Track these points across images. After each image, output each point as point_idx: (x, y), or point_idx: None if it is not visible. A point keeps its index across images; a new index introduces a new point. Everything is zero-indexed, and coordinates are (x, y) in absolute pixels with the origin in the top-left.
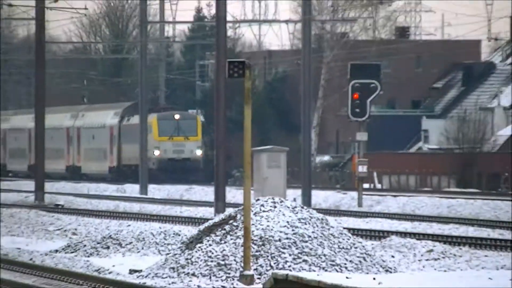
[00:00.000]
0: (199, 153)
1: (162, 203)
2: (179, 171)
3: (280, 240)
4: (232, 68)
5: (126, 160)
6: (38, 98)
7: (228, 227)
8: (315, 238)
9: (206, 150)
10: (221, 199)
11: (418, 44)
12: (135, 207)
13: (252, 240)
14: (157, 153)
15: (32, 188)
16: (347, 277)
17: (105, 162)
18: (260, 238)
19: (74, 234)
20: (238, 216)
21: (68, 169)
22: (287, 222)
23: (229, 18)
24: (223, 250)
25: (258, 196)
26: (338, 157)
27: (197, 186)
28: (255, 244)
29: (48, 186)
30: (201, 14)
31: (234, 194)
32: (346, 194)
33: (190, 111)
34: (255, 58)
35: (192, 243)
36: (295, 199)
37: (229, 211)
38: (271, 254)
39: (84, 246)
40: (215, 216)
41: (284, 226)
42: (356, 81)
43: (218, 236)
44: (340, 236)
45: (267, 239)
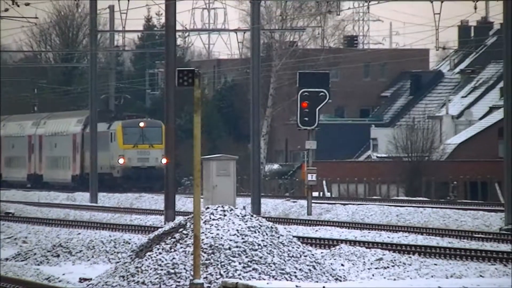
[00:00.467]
0: (164, 161)
1: (112, 211)
2: (144, 179)
3: (230, 248)
4: (181, 76)
5: (89, 169)
6: None
7: (178, 236)
8: (265, 246)
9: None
10: (171, 207)
11: (367, 53)
12: (85, 215)
13: (202, 248)
14: (121, 161)
15: None
16: (296, 285)
17: (67, 170)
18: (210, 246)
19: (24, 242)
20: (188, 224)
21: (30, 177)
22: (237, 230)
23: (178, 27)
24: (173, 258)
25: (208, 205)
26: (287, 165)
27: (147, 194)
28: (205, 253)
29: None
30: (150, 23)
31: (184, 202)
32: (296, 202)
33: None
34: (205, 67)
35: (142, 252)
36: (244, 207)
37: (179, 219)
38: (221, 263)
39: (35, 254)
40: (165, 224)
41: (234, 235)
42: (305, 89)
43: (168, 244)
44: (290, 245)
45: (217, 247)
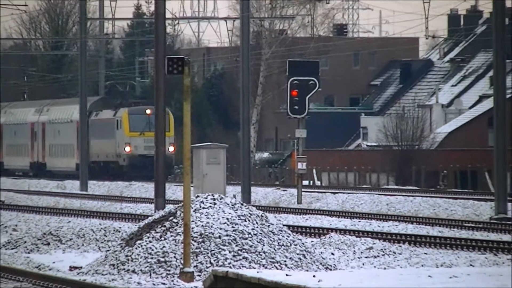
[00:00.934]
0: (172, 149)
1: (102, 200)
2: (150, 167)
3: (220, 237)
4: (171, 64)
5: (94, 156)
6: None
7: (168, 224)
8: (255, 235)
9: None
10: (161, 196)
11: (356, 42)
12: (76, 204)
13: (192, 237)
14: (127, 149)
15: None
16: (287, 274)
17: (72, 158)
18: (200, 235)
19: (14, 230)
20: (178, 212)
21: (33, 165)
22: (227, 219)
23: (168, 15)
24: (163, 247)
25: (198, 193)
26: (277, 154)
27: (137, 183)
28: (195, 241)
29: None
30: (140, 11)
31: (174, 191)
32: (286, 191)
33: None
34: (194, 55)
35: (132, 240)
36: (234, 196)
37: (169, 207)
38: (211, 251)
39: (25, 242)
40: (155, 212)
41: (224, 223)
42: (295, 78)
43: (158, 233)
44: (280, 233)
45: (207, 236)
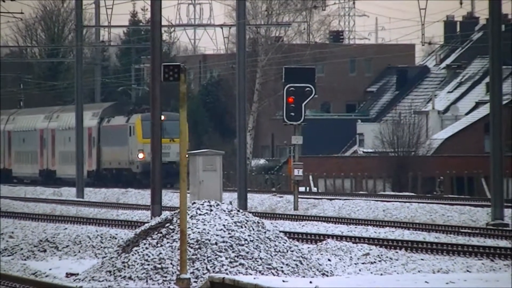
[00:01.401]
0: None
1: (98, 207)
2: (164, 175)
3: (216, 243)
4: (167, 71)
5: (106, 164)
6: None
7: (165, 231)
8: (252, 241)
9: None
10: (157, 202)
11: (352, 48)
12: (72, 211)
13: (188, 243)
14: (141, 156)
15: None
16: (283, 280)
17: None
18: (197, 241)
19: (11, 237)
20: (175, 219)
21: (42, 173)
22: (224, 225)
23: (164, 22)
24: (160, 253)
25: (194, 200)
26: (274, 160)
27: (133, 190)
28: (191, 248)
29: None
30: (136, 18)
31: (170, 197)
32: (282, 197)
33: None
34: (190, 62)
35: (128, 247)
36: (231, 202)
37: (165, 214)
38: (207, 258)
39: (21, 249)
40: (151, 219)
41: (221, 230)
42: (291, 85)
43: (154, 239)
44: (276, 240)
45: (203, 242)
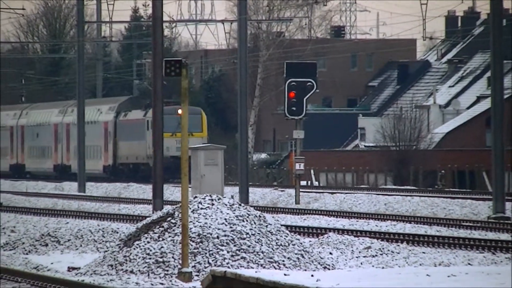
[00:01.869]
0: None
1: (100, 201)
2: (179, 169)
3: (218, 237)
4: (168, 67)
5: (123, 158)
6: None
7: (166, 225)
8: (253, 235)
9: None
10: (159, 197)
11: (354, 43)
12: (74, 205)
13: (190, 237)
14: None
15: None
16: (285, 274)
17: (99, 160)
18: (198, 235)
19: (12, 231)
20: (176, 213)
21: (56, 168)
22: (225, 219)
23: (165, 18)
24: (161, 247)
25: (196, 194)
26: (275, 154)
27: (135, 184)
28: (193, 241)
29: None
30: (137, 14)
31: (172, 192)
32: (284, 191)
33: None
34: (192, 57)
35: (130, 241)
36: (232, 197)
37: (167, 208)
38: (209, 251)
39: (23, 243)
40: (153, 213)
41: (222, 223)
42: (292, 79)
43: (156, 233)
44: (278, 233)
45: (205, 236)
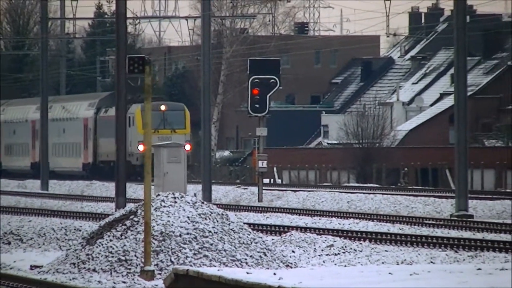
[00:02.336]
0: (188, 147)
1: (63, 199)
2: None
3: (180, 235)
4: (132, 64)
5: (103, 156)
6: None
7: (129, 223)
8: (216, 233)
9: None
10: (121, 195)
11: (317, 40)
12: (36, 203)
13: (152, 235)
14: (141, 147)
15: None
16: (247, 272)
17: (78, 158)
18: (161, 233)
19: None
20: (139, 211)
21: (34, 166)
22: (188, 217)
23: (129, 15)
24: (124, 245)
25: (159, 192)
26: (238, 152)
27: (98, 182)
28: (155, 240)
29: None
30: (101, 11)
31: (135, 190)
32: (246, 189)
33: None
34: (155, 54)
35: (93, 239)
36: (195, 194)
37: (130, 206)
38: (171, 250)
39: None
40: (116, 211)
41: (185, 222)
42: (256, 76)
43: (118, 231)
44: (241, 231)
45: (167, 234)
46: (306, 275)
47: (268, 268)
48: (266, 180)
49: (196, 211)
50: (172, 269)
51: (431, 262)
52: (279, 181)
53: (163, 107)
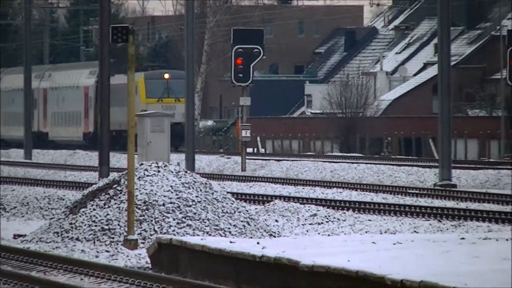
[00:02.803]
0: None
1: (46, 168)
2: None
3: (164, 204)
4: (115, 33)
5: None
6: None
7: (112, 192)
8: (199, 202)
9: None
10: (105, 164)
11: (301, 10)
12: (20, 172)
13: (136, 204)
14: None
15: None
16: (231, 241)
17: (78, 127)
18: (144, 202)
19: None
20: (122, 180)
21: (33, 135)
22: (171, 186)
23: None
24: (107, 214)
25: (142, 161)
26: (222, 121)
27: (81, 151)
28: (139, 209)
29: None
30: None
31: (118, 159)
32: (230, 158)
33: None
34: (139, 24)
35: (76, 208)
36: (179, 164)
37: (113, 175)
38: (155, 219)
39: None
40: (99, 180)
41: (168, 191)
42: (239, 46)
43: (102, 200)
44: (224, 201)
45: (151, 203)
46: (289, 244)
47: (251, 237)
48: (250, 150)
49: (180, 180)
50: (156, 238)
51: (415, 232)
52: (262, 150)
53: (167, 76)
